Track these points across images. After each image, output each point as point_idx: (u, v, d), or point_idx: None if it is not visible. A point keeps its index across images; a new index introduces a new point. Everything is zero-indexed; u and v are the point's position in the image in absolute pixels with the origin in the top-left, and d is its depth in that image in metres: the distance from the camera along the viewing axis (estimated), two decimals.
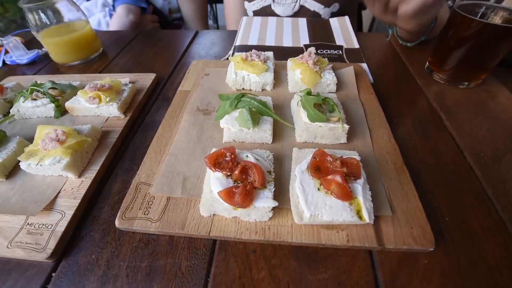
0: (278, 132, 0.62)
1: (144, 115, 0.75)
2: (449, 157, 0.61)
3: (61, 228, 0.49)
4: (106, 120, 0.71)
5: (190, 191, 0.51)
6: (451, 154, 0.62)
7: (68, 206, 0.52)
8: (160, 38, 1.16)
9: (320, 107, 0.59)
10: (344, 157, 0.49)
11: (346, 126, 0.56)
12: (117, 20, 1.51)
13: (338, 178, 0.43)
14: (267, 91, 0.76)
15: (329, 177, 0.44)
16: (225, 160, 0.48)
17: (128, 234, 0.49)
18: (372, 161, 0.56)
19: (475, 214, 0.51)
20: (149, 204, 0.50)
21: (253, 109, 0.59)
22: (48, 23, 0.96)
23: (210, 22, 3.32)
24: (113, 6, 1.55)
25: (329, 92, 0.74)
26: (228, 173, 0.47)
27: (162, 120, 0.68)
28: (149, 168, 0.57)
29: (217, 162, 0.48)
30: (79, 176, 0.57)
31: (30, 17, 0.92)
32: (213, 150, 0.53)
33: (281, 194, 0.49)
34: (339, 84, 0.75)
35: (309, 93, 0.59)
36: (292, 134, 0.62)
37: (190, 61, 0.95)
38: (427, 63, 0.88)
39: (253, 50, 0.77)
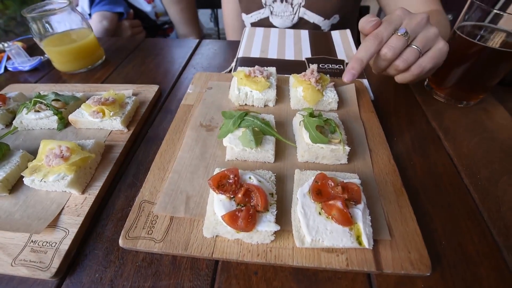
0: (280, 151, 0.63)
1: (147, 129, 0.76)
2: (447, 178, 0.62)
3: (65, 246, 0.49)
4: (109, 134, 0.71)
5: (193, 211, 0.52)
6: (449, 175, 0.63)
7: (71, 223, 0.53)
8: (162, 47, 1.17)
9: (322, 127, 0.60)
10: (345, 181, 0.50)
11: (347, 148, 0.57)
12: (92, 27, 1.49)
13: (339, 204, 0.44)
14: (269, 107, 0.77)
15: (330, 202, 0.45)
16: (228, 183, 0.49)
17: (132, 253, 0.50)
18: (372, 183, 0.57)
19: (471, 238, 0.52)
20: (153, 224, 0.51)
21: (256, 128, 0.60)
22: (51, 31, 0.96)
23: (211, 25, 3.33)
24: (90, 14, 1.54)
25: (330, 110, 0.75)
26: (231, 196, 0.48)
27: (166, 135, 0.68)
28: (152, 185, 0.57)
29: (220, 184, 0.48)
30: (83, 192, 0.58)
31: (34, 26, 0.93)
32: (216, 170, 0.54)
33: (283, 216, 0.50)
34: (341, 102, 0.76)
35: (311, 114, 0.60)
36: (293, 152, 0.63)
37: (192, 72, 0.96)
38: (427, 80, 0.90)
39: (256, 66, 0.78)
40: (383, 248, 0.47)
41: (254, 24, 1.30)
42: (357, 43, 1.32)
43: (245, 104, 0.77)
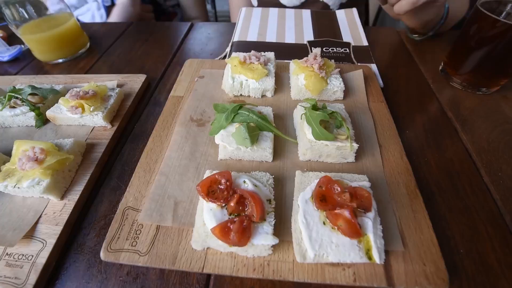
0: (279, 148, 0.57)
1: (133, 124, 0.69)
2: (465, 177, 0.56)
3: (42, 260, 0.45)
4: (92, 131, 0.65)
5: (182, 219, 0.47)
6: (467, 173, 0.57)
7: (49, 233, 0.48)
8: (152, 32, 1.07)
9: (327, 122, 0.53)
10: (353, 184, 0.44)
11: (355, 145, 0.51)
12: (120, 11, 1.36)
13: (346, 214, 0.38)
14: (267, 97, 0.70)
15: (337, 211, 0.39)
16: (219, 189, 0.43)
17: (116, 266, 0.45)
18: (383, 184, 0.51)
19: (491, 245, 0.47)
20: (137, 234, 0.46)
21: (251, 123, 0.53)
22: (28, 17, 0.87)
23: (209, 7, 3.15)
24: None
25: (335, 100, 0.68)
26: (223, 204, 0.42)
27: (152, 132, 0.62)
28: (137, 189, 0.52)
29: (210, 191, 0.43)
30: (62, 198, 0.52)
31: (7, 12, 0.83)
32: (207, 173, 0.48)
33: (283, 225, 0.45)
34: (347, 90, 0.68)
35: (314, 106, 0.53)
36: (294, 150, 0.56)
37: (184, 59, 0.87)
38: (442, 64, 0.81)
39: (252, 52, 0.70)
40: (395, 261, 0.42)
41: (261, 2, 1.19)
42: (364, 22, 1.22)
43: (240, 95, 0.70)
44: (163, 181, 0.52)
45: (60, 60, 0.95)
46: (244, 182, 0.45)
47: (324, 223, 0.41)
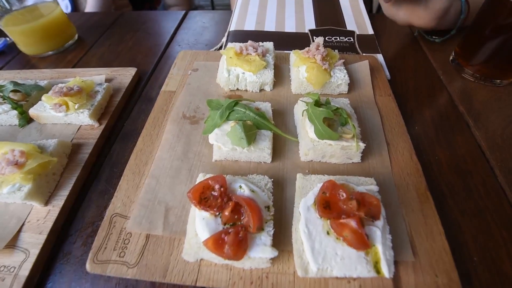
0: (279, 147, 0.53)
1: (123, 122, 0.65)
2: (478, 177, 0.52)
3: (25, 272, 0.42)
4: (78, 130, 0.61)
5: (174, 227, 0.43)
6: (480, 172, 0.53)
7: (33, 243, 0.44)
8: (143, 22, 1.01)
9: (331, 118, 0.49)
10: (359, 189, 0.40)
11: (362, 145, 0.46)
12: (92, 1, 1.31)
13: (353, 224, 0.35)
14: (266, 91, 0.65)
15: (342, 220, 0.36)
16: (213, 196, 0.39)
17: (103, 277, 0.42)
18: (391, 187, 0.47)
19: (507, 251, 0.43)
20: (125, 244, 0.42)
21: (248, 121, 0.49)
22: (9, 7, 0.81)
23: None
24: None
25: (339, 94, 0.63)
26: (217, 213, 0.38)
27: (142, 130, 0.58)
28: (125, 194, 0.48)
29: (203, 198, 0.39)
30: (46, 204, 0.49)
31: None
32: (200, 177, 0.45)
33: (283, 233, 0.41)
34: (352, 83, 0.63)
35: (317, 102, 0.48)
36: (295, 149, 0.52)
37: (177, 51, 0.82)
38: (453, 54, 0.76)
39: (249, 42, 0.65)
40: (405, 272, 0.38)
41: None
42: (370, 11, 1.15)
43: (237, 89, 0.65)
44: (154, 184, 0.48)
45: (47, 53, 0.89)
46: (240, 187, 0.41)
47: (328, 233, 0.37)
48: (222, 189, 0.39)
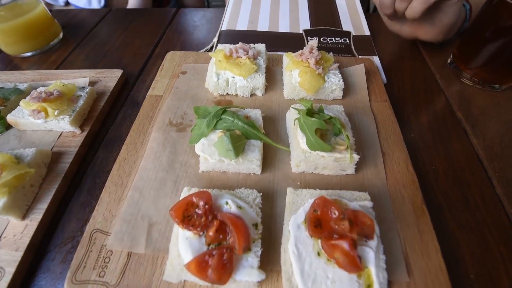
0: (269, 157, 0.50)
1: (107, 128, 0.61)
2: (475, 187, 0.50)
3: None
4: (59, 137, 0.57)
5: (157, 244, 0.41)
6: (478, 183, 0.51)
7: (9, 260, 0.42)
8: (132, 20, 0.97)
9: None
10: (352, 204, 0.38)
11: (356, 157, 0.44)
12: None
13: (345, 246, 0.33)
14: (257, 96, 0.62)
15: (334, 242, 0.33)
16: (196, 214, 0.36)
17: None
18: (386, 200, 0.45)
19: (504, 268, 0.42)
20: (106, 262, 0.40)
21: (236, 131, 0.46)
22: None
23: None
24: None
25: (333, 100, 0.60)
26: (201, 232, 0.36)
27: (126, 138, 0.55)
28: (107, 208, 0.45)
29: (186, 216, 0.36)
30: (23, 218, 0.46)
31: None
32: (184, 191, 0.42)
33: (272, 252, 0.39)
34: (347, 88, 0.61)
35: (309, 111, 0.46)
36: (287, 159, 0.50)
37: (166, 51, 0.78)
38: (451, 56, 0.74)
39: (240, 44, 0.62)
40: None
41: None
42: (367, 11, 1.12)
43: (227, 94, 0.62)
44: (137, 197, 0.46)
45: (30, 53, 0.85)
46: (227, 203, 0.39)
47: (318, 254, 0.35)
48: (206, 206, 0.37)
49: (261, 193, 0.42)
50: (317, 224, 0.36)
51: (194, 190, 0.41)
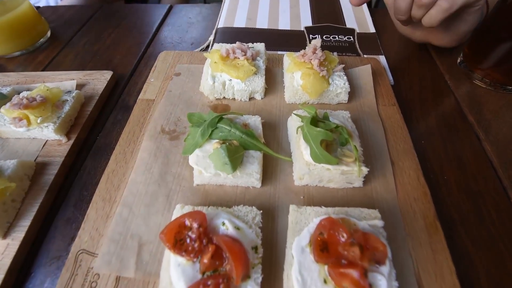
0: (270, 168, 0.46)
1: (96, 135, 0.58)
2: (490, 198, 0.47)
3: None
4: (44, 145, 0.54)
5: (148, 266, 0.38)
6: (493, 194, 0.48)
7: None
8: (124, 17, 0.92)
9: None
10: (361, 224, 0.35)
11: (365, 170, 0.41)
12: None
13: (355, 275, 0.29)
14: (256, 100, 0.58)
15: (343, 270, 0.30)
16: (190, 237, 0.33)
17: None
18: (396, 215, 0.41)
19: None
20: (92, 287, 0.37)
21: (234, 141, 0.43)
22: None
23: None
24: None
25: (338, 103, 0.57)
26: (195, 259, 0.32)
27: (115, 147, 0.51)
28: (94, 226, 0.42)
29: (178, 240, 0.33)
30: (4, 236, 0.42)
31: None
32: (177, 209, 0.38)
33: (273, 277, 0.36)
34: (352, 90, 0.57)
35: (313, 120, 0.42)
36: (289, 169, 0.46)
37: (159, 51, 0.74)
38: (461, 55, 0.69)
39: (237, 44, 0.58)
40: None
41: None
42: (369, 5, 1.07)
43: (224, 98, 0.58)
44: (126, 214, 0.42)
45: (16, 53, 0.80)
46: (223, 224, 0.35)
47: (325, 281, 0.32)
48: (201, 229, 0.33)
49: (261, 211, 0.38)
50: (324, 248, 0.32)
51: (187, 208, 0.38)
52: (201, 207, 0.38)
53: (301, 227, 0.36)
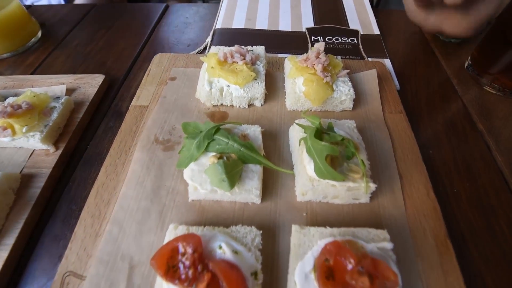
0: (271, 182, 0.44)
1: (86, 144, 0.54)
2: (502, 213, 0.45)
3: None
4: (31, 155, 0.50)
5: None
6: (504, 208, 0.45)
7: None
8: (118, 17, 0.88)
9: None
10: (369, 247, 0.32)
11: (372, 186, 0.38)
12: None
13: None
14: (255, 107, 0.55)
15: None
16: (183, 263, 0.30)
17: None
18: (405, 234, 0.39)
19: None
20: None
21: (232, 155, 0.40)
22: None
23: None
24: None
25: (343, 111, 0.54)
26: (189, 287, 0.30)
27: (106, 159, 0.48)
28: (81, 245, 0.39)
29: (171, 266, 0.30)
30: None
31: None
32: (170, 230, 0.36)
33: None
34: (357, 97, 0.54)
35: (317, 132, 0.39)
36: (291, 183, 0.43)
37: (154, 52, 0.70)
38: (469, 58, 0.67)
39: (236, 47, 0.54)
40: None
41: None
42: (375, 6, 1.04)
43: (221, 104, 0.55)
44: (116, 233, 0.39)
45: (5, 55, 0.77)
46: (220, 247, 0.32)
47: None
48: (195, 254, 0.30)
49: (261, 231, 0.36)
50: (329, 275, 0.30)
51: (181, 229, 0.35)
52: (196, 227, 0.35)
53: (305, 250, 0.33)
